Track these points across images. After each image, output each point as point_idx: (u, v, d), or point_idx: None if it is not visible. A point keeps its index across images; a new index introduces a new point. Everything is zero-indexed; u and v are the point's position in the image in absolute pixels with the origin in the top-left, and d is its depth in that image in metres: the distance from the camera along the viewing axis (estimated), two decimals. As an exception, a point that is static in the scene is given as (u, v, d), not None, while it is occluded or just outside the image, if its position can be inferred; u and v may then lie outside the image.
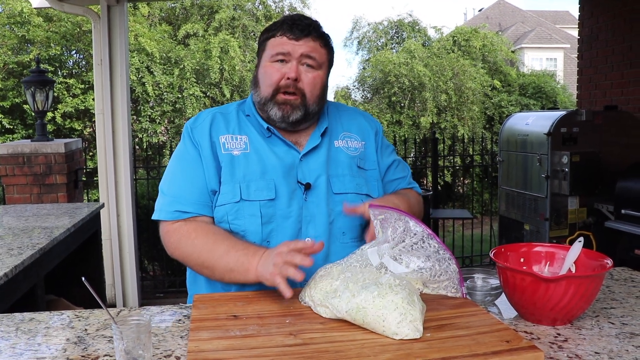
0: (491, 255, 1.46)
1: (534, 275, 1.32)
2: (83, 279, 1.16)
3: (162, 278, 6.13)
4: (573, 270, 1.45)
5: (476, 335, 1.18)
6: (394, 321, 1.18)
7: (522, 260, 1.52)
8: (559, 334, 1.30)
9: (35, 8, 5.77)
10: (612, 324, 1.36)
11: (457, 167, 8.10)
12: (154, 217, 1.70)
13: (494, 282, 1.55)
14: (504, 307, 1.49)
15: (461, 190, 11.84)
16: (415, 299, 1.24)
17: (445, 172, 10.74)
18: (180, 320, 1.42)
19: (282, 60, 1.68)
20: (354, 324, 1.24)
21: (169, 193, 1.69)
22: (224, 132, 1.73)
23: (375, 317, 1.19)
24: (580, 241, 1.47)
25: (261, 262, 1.45)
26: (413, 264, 1.40)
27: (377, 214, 1.49)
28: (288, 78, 1.66)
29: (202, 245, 1.57)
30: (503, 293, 1.46)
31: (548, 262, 1.52)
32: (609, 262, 1.39)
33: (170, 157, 1.91)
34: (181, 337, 1.30)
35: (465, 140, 9.92)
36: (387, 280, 1.26)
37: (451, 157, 8.62)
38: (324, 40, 1.73)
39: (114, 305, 5.01)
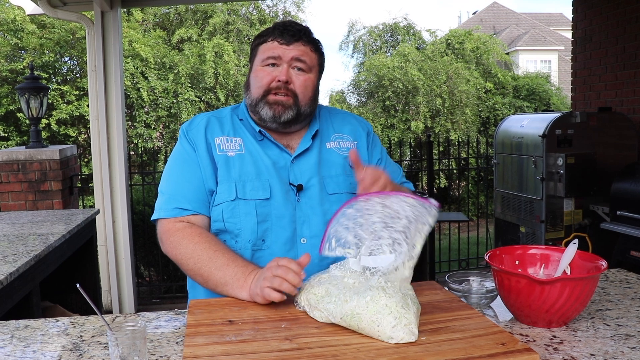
0: (486, 258, 1.47)
1: (528, 278, 1.32)
2: (77, 285, 1.16)
3: (158, 284, 6.11)
4: (568, 272, 1.45)
5: (472, 338, 1.18)
6: (389, 325, 1.17)
7: (517, 262, 1.52)
8: (554, 336, 1.31)
9: (28, 15, 5.77)
10: (608, 325, 1.36)
11: (453, 170, 8.12)
12: (154, 217, 1.71)
13: (490, 284, 1.55)
14: (500, 310, 1.49)
15: (457, 193, 11.86)
16: (409, 302, 1.24)
17: (440, 175, 10.75)
18: (175, 325, 1.41)
19: (273, 64, 1.71)
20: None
21: (167, 192, 1.71)
22: (219, 134, 1.75)
23: (369, 322, 1.19)
24: (574, 243, 1.47)
25: (254, 279, 1.46)
26: (385, 246, 1.31)
27: (329, 247, 1.40)
28: (279, 80, 1.69)
29: (203, 252, 1.57)
30: (498, 296, 1.46)
31: (543, 265, 1.52)
32: (604, 263, 1.39)
33: (165, 162, 1.92)
34: (177, 343, 1.30)
35: (461, 144, 9.94)
36: (377, 283, 1.25)
37: (446, 160, 8.63)
38: (315, 45, 1.77)
39: (110, 312, 4.99)
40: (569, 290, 1.30)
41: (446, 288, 1.55)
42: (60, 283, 3.39)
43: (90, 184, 5.64)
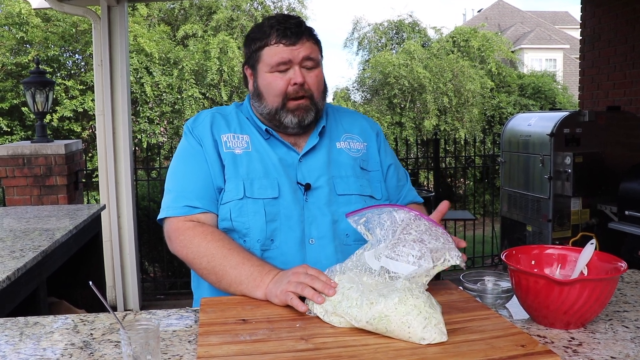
0: (502, 257, 1.45)
1: (547, 278, 1.30)
2: (90, 283, 1.14)
3: (163, 280, 6.11)
4: (585, 273, 1.43)
5: (490, 340, 1.16)
6: (420, 326, 1.15)
7: (533, 262, 1.50)
8: (573, 338, 1.28)
9: (34, 9, 5.76)
10: (627, 327, 1.34)
11: (457, 168, 8.09)
12: (161, 215, 1.66)
13: (505, 284, 1.52)
14: (514, 310, 1.47)
15: (461, 192, 11.82)
16: (434, 301, 1.22)
17: (447, 173, 10.72)
18: (187, 324, 1.39)
19: (283, 70, 1.67)
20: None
21: (174, 189, 1.67)
22: (225, 131, 1.72)
23: (399, 324, 1.16)
24: (592, 243, 1.45)
25: (275, 279, 1.42)
26: (411, 257, 1.33)
27: (357, 220, 1.43)
28: (295, 84, 1.65)
29: (216, 250, 1.53)
30: (514, 296, 1.43)
31: (559, 265, 1.49)
32: (623, 265, 1.37)
33: (170, 158, 1.88)
34: (189, 342, 1.27)
35: (468, 142, 9.91)
36: (403, 285, 1.23)
37: (452, 159, 8.60)
38: (314, 37, 1.73)
39: (114, 307, 4.98)
40: (588, 291, 1.27)
41: (460, 287, 1.52)
42: (65, 278, 3.37)
43: (94, 179, 5.63)
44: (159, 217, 1.69)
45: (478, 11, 31.68)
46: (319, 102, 1.72)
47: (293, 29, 1.66)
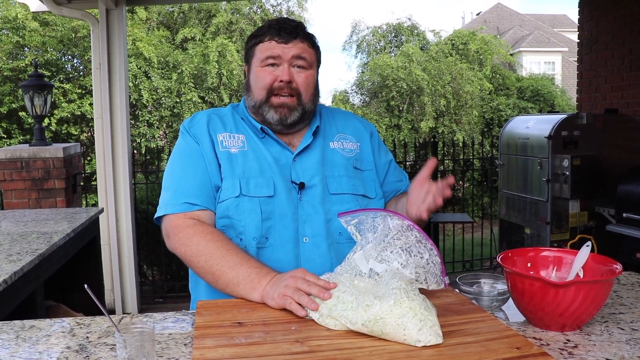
0: (498, 260, 1.45)
1: (542, 281, 1.30)
2: (85, 286, 1.14)
3: (161, 283, 6.09)
4: (581, 275, 1.43)
5: (485, 342, 1.16)
6: (415, 328, 1.15)
7: (529, 265, 1.50)
8: (568, 340, 1.28)
9: (33, 12, 5.76)
10: (622, 329, 1.34)
11: (456, 170, 8.07)
12: (159, 213, 1.67)
13: (501, 287, 1.53)
14: (511, 312, 1.47)
15: (460, 194, 11.83)
16: (429, 304, 1.22)
17: (446, 175, 10.70)
18: (183, 327, 1.39)
19: (273, 64, 1.70)
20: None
21: (172, 187, 1.68)
22: (221, 131, 1.74)
23: (395, 326, 1.16)
24: (587, 246, 1.45)
25: (272, 282, 1.43)
26: (396, 263, 1.35)
27: (349, 220, 1.45)
28: (281, 81, 1.68)
29: (215, 250, 1.54)
30: (510, 298, 1.44)
31: (555, 267, 1.49)
32: (619, 267, 1.37)
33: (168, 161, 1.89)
34: (185, 345, 1.27)
35: (467, 144, 9.89)
36: (398, 285, 1.23)
37: (451, 161, 8.60)
38: (311, 41, 1.77)
39: (113, 311, 4.98)
40: (583, 293, 1.27)
41: (457, 290, 1.53)
42: (63, 282, 3.37)
43: (92, 182, 5.61)
44: (156, 215, 1.69)
45: (477, 14, 31.73)
46: (307, 104, 1.74)
47: (288, 29, 1.71)
